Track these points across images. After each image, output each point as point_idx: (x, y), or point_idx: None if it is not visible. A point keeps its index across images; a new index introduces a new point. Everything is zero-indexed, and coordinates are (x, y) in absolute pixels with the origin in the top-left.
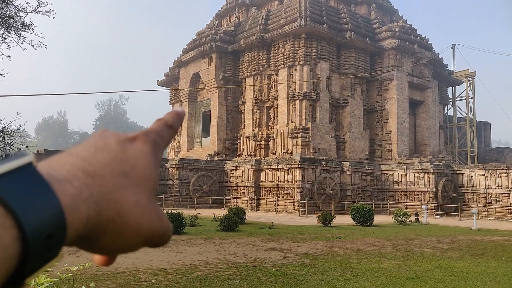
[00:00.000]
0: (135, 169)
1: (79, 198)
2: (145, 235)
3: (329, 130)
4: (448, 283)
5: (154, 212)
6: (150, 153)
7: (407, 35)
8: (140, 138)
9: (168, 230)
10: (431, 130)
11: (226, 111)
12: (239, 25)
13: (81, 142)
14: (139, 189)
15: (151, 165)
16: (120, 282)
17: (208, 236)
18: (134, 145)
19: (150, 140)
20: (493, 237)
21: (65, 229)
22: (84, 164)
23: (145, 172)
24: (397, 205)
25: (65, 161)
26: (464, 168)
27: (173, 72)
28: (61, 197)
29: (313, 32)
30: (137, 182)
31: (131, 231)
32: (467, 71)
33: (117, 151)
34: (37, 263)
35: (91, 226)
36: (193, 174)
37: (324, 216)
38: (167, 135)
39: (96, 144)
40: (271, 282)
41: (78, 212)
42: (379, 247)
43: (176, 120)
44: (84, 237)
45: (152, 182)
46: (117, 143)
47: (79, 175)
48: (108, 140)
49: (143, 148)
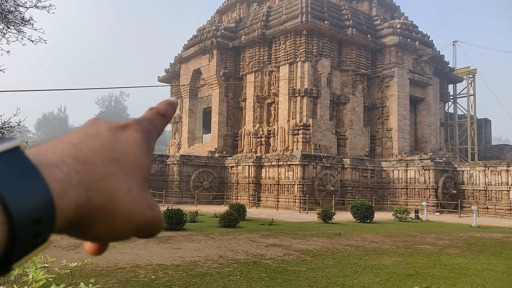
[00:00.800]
0: (127, 157)
1: (68, 183)
2: (137, 223)
3: (329, 127)
4: (448, 279)
5: (146, 200)
6: (142, 141)
7: (408, 32)
8: (132, 126)
9: (160, 220)
10: (431, 127)
11: (227, 108)
12: (240, 21)
13: (73, 130)
14: (130, 177)
15: (143, 153)
16: (120, 278)
17: (209, 233)
18: (126, 133)
19: (142, 128)
20: (493, 234)
21: (54, 214)
22: (74, 151)
23: (137, 160)
24: (397, 202)
25: (55, 147)
26: (464, 165)
27: (174, 68)
28: (50, 182)
29: (314, 28)
30: (129, 170)
31: (122, 219)
32: (468, 68)
33: (109, 138)
34: (25, 248)
35: (81, 213)
36: (194, 171)
37: (324, 213)
38: (160, 123)
39: (87, 131)
40: (271, 278)
41: (68, 197)
42: (379, 243)
43: (168, 109)
44: (75, 224)
45: (144, 171)
46: (109, 130)
47: (69, 161)
48: (99, 128)
49: (135, 136)
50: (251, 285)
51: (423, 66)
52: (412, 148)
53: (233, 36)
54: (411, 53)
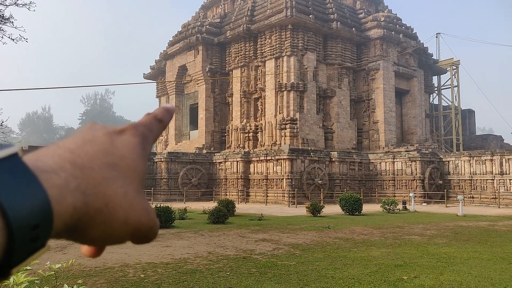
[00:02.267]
0: (123, 161)
1: (66, 188)
2: (133, 227)
3: (317, 120)
4: (435, 269)
5: (142, 205)
6: (138, 145)
7: (392, 24)
8: (129, 130)
9: (155, 225)
10: (417, 118)
11: (213, 104)
12: (225, 17)
13: (69, 135)
14: (127, 181)
15: (139, 157)
16: (109, 278)
17: (198, 229)
18: (123, 137)
19: (139, 133)
20: (478, 223)
21: (52, 219)
22: (72, 156)
23: (133, 165)
24: (385, 194)
25: (53, 153)
26: (449, 155)
27: (159, 65)
28: (48, 187)
29: (299, 22)
30: (126, 175)
31: (119, 223)
32: (452, 60)
33: (106, 143)
34: (23, 253)
35: (78, 217)
36: (182, 168)
37: (313, 206)
38: (156, 128)
39: (84, 136)
40: (261, 273)
41: (65, 202)
42: (368, 235)
43: (165, 114)
44: (72, 228)
45: (140, 175)
46: (106, 135)
47: (67, 166)
48: (96, 133)
49: (132, 141)
50: (241, 281)
51: (407, 58)
52: (398, 140)
53: (218, 32)
54: (396, 46)
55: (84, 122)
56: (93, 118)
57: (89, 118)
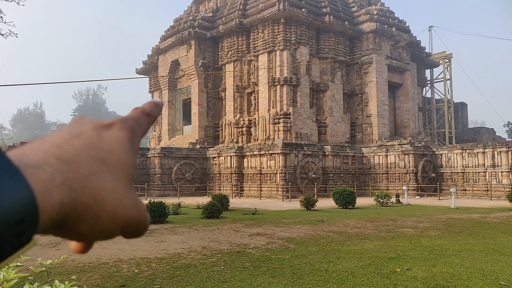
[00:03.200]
0: (111, 155)
1: (52, 184)
2: (122, 222)
3: (310, 114)
4: (428, 261)
5: (131, 199)
6: (127, 139)
7: (385, 18)
8: (117, 124)
9: (145, 219)
10: (410, 112)
11: (206, 98)
12: (217, 11)
13: (57, 129)
14: (116, 176)
15: (128, 152)
16: (103, 274)
17: (192, 224)
18: (111, 131)
19: (127, 127)
20: (470, 215)
21: (37, 215)
22: (58, 151)
23: (122, 159)
24: (378, 187)
25: (38, 148)
26: (442, 148)
27: (152, 60)
28: (32, 182)
29: (292, 16)
30: (114, 169)
31: (108, 218)
32: (444, 53)
33: (93, 138)
34: (8, 248)
35: (66, 212)
36: (175, 163)
37: (307, 200)
38: (145, 122)
39: (71, 130)
40: (255, 267)
41: (51, 198)
42: (362, 228)
43: (154, 108)
44: (60, 224)
45: (129, 169)
46: (93, 129)
47: (52, 162)
48: (84, 127)
49: (120, 135)
50: (235, 275)
51: (400, 52)
52: (391, 133)
53: (210, 26)
54: (389, 39)
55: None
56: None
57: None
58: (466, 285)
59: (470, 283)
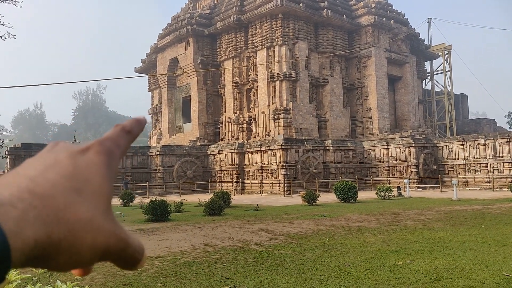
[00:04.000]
0: (87, 185)
1: (24, 220)
2: (102, 250)
3: (310, 109)
4: (430, 253)
5: (110, 227)
6: (103, 165)
7: (383, 10)
8: (93, 148)
9: (126, 246)
10: (410, 105)
11: (206, 96)
12: (215, 8)
13: (31, 159)
14: (92, 206)
15: (104, 180)
16: (106, 273)
17: (194, 222)
18: (87, 157)
19: (104, 150)
20: (472, 207)
21: (9, 254)
22: (31, 185)
23: (98, 188)
24: (380, 181)
25: (11, 182)
26: (443, 140)
27: (150, 58)
28: (3, 221)
29: (289, 11)
30: (90, 199)
31: (86, 248)
32: (443, 45)
33: (68, 167)
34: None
35: (41, 247)
36: (176, 161)
37: (308, 195)
38: (124, 141)
39: (46, 160)
40: (257, 263)
41: (23, 235)
42: (364, 222)
43: (135, 126)
44: (36, 258)
45: (106, 197)
46: (68, 157)
47: (25, 196)
48: (58, 155)
49: (96, 161)
50: (238, 271)
51: (399, 44)
52: (392, 126)
53: (208, 23)
54: (387, 32)
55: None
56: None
57: (82, 113)
58: (469, 276)
59: (473, 274)
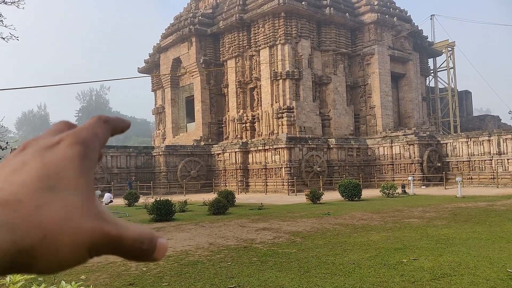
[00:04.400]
0: (60, 181)
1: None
2: (86, 248)
3: (313, 108)
4: (435, 250)
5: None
6: (77, 157)
7: (386, 8)
8: (66, 140)
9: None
10: (414, 102)
11: (209, 95)
12: (217, 7)
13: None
14: (67, 202)
15: (79, 172)
16: (111, 273)
17: (198, 221)
18: (57, 151)
19: (78, 141)
20: (477, 203)
21: None
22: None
23: (73, 182)
24: (384, 178)
25: None
26: (447, 137)
27: (153, 58)
28: None
29: (292, 10)
30: (65, 196)
31: (68, 248)
32: (447, 42)
33: (37, 166)
34: None
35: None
36: (180, 160)
37: (312, 194)
38: (101, 130)
39: (13, 164)
40: (262, 262)
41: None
42: (368, 220)
43: (113, 118)
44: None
45: (84, 191)
46: (36, 155)
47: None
48: (26, 156)
49: (69, 154)
50: (242, 270)
51: (402, 41)
52: (396, 124)
53: (211, 22)
54: (390, 30)
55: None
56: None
57: (85, 114)
58: (473, 273)
59: (477, 271)
